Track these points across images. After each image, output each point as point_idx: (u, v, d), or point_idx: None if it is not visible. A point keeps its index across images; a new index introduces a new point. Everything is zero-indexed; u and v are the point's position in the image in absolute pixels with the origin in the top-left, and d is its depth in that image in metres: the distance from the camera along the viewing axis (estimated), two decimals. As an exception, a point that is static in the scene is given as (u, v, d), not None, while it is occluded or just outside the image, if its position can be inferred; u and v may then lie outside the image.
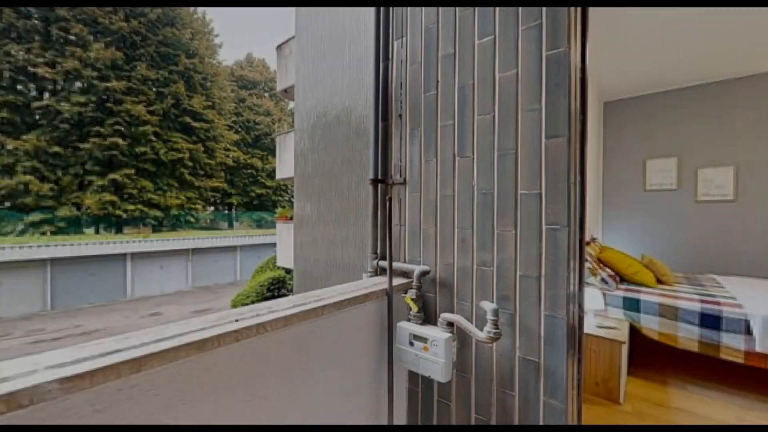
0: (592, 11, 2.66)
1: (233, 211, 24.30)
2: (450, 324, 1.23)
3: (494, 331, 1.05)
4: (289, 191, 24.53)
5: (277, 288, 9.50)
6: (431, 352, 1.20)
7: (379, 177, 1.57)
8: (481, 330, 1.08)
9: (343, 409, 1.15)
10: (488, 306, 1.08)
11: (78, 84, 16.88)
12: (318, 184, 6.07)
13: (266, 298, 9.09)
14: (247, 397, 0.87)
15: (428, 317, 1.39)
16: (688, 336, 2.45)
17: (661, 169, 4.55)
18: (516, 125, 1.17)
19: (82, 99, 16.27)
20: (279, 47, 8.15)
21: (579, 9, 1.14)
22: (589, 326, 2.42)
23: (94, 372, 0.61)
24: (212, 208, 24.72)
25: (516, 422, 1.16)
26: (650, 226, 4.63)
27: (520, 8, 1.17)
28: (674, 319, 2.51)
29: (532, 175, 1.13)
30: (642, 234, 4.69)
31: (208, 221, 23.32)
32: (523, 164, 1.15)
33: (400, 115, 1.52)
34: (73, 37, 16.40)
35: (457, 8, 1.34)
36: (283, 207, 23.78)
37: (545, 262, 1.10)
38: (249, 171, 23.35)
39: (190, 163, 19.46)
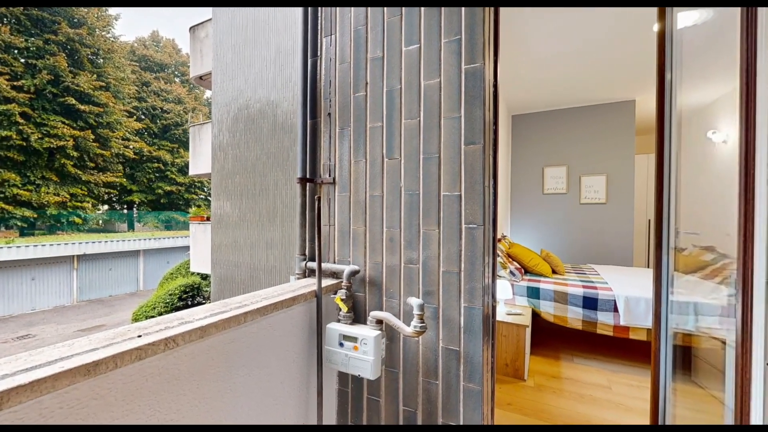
0: (503, 37, 2.99)
1: (134, 211, 21.06)
2: (379, 322, 1.26)
3: (420, 325, 1.10)
4: (205, 189, 22.22)
5: (191, 296, 8.54)
6: (361, 351, 1.21)
7: (308, 176, 1.53)
8: (409, 325, 1.13)
9: (270, 419, 1.09)
10: (414, 302, 1.13)
11: None
12: (240, 182, 5.64)
13: (178, 308, 8.10)
14: (152, 420, 0.77)
15: (358, 316, 1.40)
16: (574, 317, 2.92)
17: (554, 175, 5.33)
18: (439, 131, 1.25)
19: None
20: (193, 29, 7.34)
21: (492, 29, 1.27)
22: (500, 314, 2.72)
23: (-72, 419, 0.47)
24: (106, 206, 21.05)
25: (440, 409, 1.24)
26: (547, 225, 5.39)
27: (442, 22, 1.25)
28: (565, 303, 2.97)
29: (453, 178, 1.22)
30: (541, 231, 5.43)
31: (101, 222, 19.79)
32: (446, 167, 1.24)
33: (329, 114, 1.50)
34: None
35: (385, 10, 1.38)
36: (199, 206, 21.46)
37: (464, 258, 1.20)
38: (155, 165, 20.40)
39: (74, 153, 16.17)
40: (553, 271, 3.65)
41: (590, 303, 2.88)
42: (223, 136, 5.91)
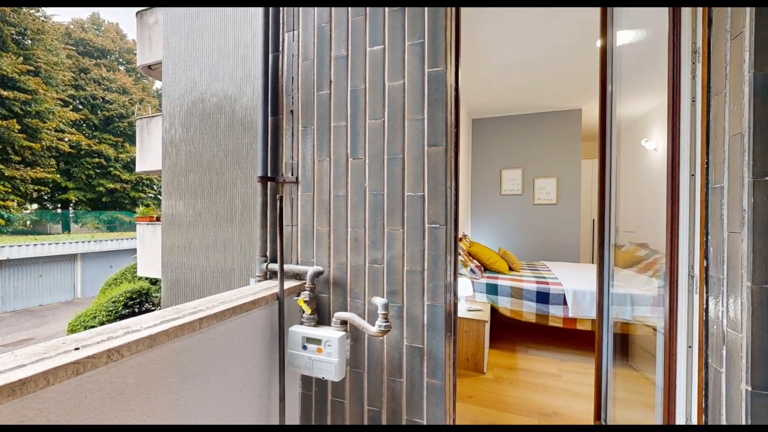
0: (463, 44, 3.09)
1: (71, 210, 19.00)
2: (344, 322, 1.25)
3: (385, 324, 1.11)
4: (155, 187, 20.63)
5: (138, 303, 7.89)
6: (325, 353, 1.19)
7: (269, 174, 1.48)
8: (373, 325, 1.13)
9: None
10: (379, 301, 1.14)
11: None
12: (194, 180, 5.31)
13: (123, 317, 7.45)
14: (94, 442, 0.70)
15: (322, 318, 1.38)
16: (529, 311, 3.10)
17: (511, 177, 5.62)
18: (403, 132, 1.27)
19: None
20: (140, 14, 6.79)
21: (454, 35, 1.31)
22: (461, 310, 2.82)
23: None
24: (35, 206, 18.80)
25: (404, 406, 1.26)
26: (504, 224, 5.67)
27: (406, 24, 1.27)
28: (520, 298, 3.15)
29: (417, 179, 1.25)
30: (498, 230, 5.71)
31: (29, 223, 17.63)
32: (409, 168, 1.26)
33: (291, 111, 1.47)
34: None
35: (349, 10, 1.37)
36: (147, 205, 19.89)
37: (427, 257, 1.23)
38: (96, 160, 18.48)
39: (-4, 145, 14.28)
40: (510, 268, 3.85)
41: (543, 297, 3.08)
42: (176, 130, 5.54)
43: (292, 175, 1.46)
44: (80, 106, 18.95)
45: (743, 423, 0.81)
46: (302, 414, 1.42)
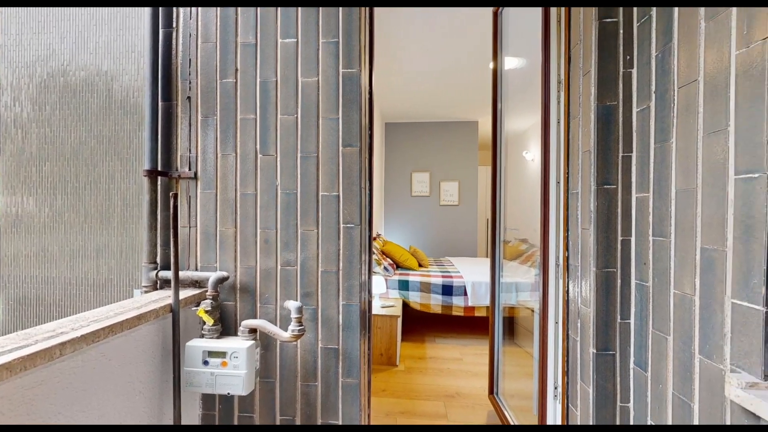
0: (377, 50, 3.19)
1: None
2: (252, 331, 1.16)
3: (298, 328, 1.07)
4: (-13, 178, 15.82)
5: (-42, 332, 5.93)
6: (231, 365, 1.09)
7: (160, 168, 1.28)
8: (286, 330, 1.08)
9: (102, 475, 0.86)
10: (292, 305, 1.09)
11: None
12: (52, 172, 4.25)
13: (-69, 353, 5.48)
14: None
15: (227, 328, 1.26)
16: (436, 303, 3.38)
17: (420, 180, 6.04)
18: (317, 130, 1.24)
19: None
20: (-37, -51, 5.12)
21: (367, 38, 1.34)
22: (375, 308, 2.90)
23: None
24: None
25: (319, 410, 1.24)
26: (414, 224, 6.06)
27: (320, 21, 1.25)
28: (428, 292, 3.40)
29: (331, 179, 1.24)
30: (409, 229, 6.07)
31: None
32: (324, 168, 1.24)
33: (189, 98, 1.30)
34: None
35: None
36: (-25, 203, 15.14)
37: (342, 257, 1.23)
38: None
39: None
40: (420, 265, 4.12)
41: (447, 290, 3.39)
42: (22, 107, 4.35)
43: (190, 169, 1.30)
44: None
45: (591, 378, 1.02)
46: (203, 438, 1.27)
